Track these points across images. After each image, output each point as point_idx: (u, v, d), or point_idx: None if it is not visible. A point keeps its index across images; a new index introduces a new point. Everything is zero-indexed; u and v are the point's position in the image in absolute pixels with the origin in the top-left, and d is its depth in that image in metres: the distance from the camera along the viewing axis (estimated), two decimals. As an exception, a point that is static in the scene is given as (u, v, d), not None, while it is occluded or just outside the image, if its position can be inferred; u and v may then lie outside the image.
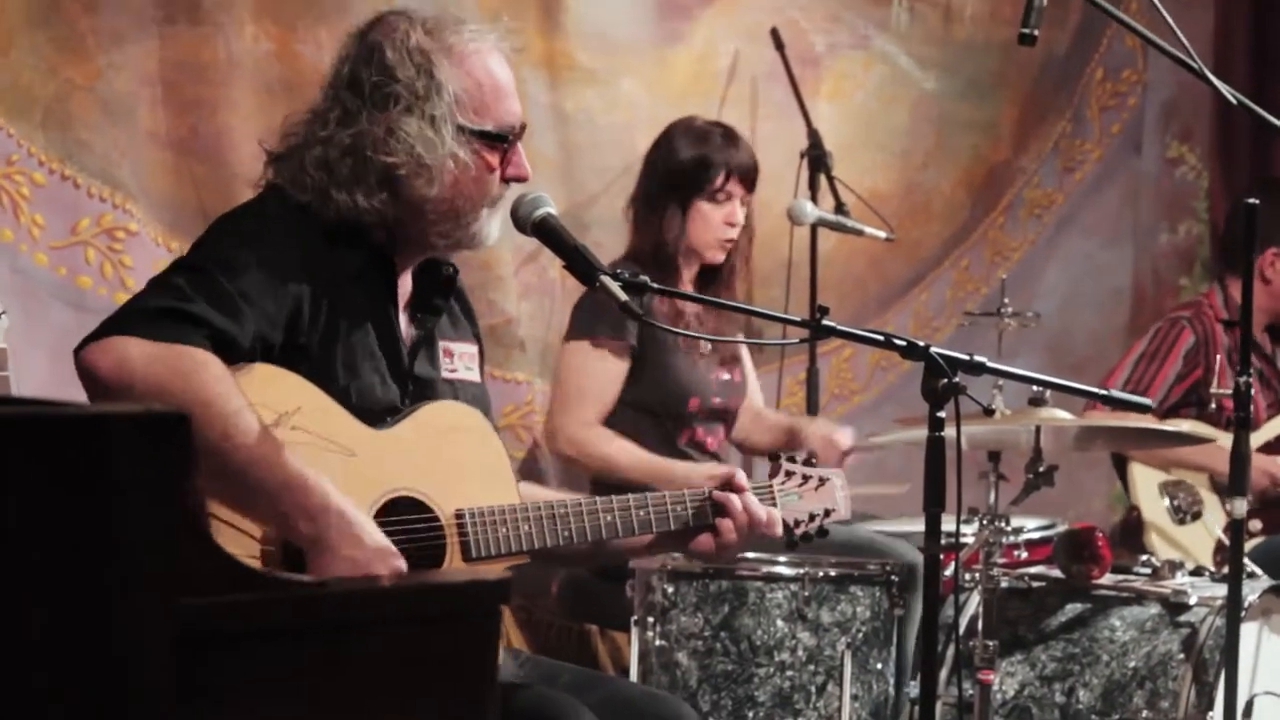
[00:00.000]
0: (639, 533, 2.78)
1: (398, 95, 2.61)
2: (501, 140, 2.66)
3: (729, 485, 2.82)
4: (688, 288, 4.18)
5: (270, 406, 2.48)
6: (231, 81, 4.08)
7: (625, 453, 4.04)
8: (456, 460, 2.63)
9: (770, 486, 2.92)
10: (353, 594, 1.68)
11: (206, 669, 1.53)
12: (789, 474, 2.95)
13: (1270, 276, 5.07)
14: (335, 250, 2.62)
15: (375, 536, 2.45)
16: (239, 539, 2.45)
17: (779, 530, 2.87)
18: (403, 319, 2.72)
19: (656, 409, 4.12)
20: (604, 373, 4.07)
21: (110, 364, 2.40)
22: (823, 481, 2.97)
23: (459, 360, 2.80)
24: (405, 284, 2.74)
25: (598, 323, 4.03)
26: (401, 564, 2.46)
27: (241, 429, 2.40)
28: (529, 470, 4.56)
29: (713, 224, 4.15)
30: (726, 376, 4.25)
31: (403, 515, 2.58)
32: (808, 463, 2.98)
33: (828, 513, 2.96)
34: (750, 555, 3.59)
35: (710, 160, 4.14)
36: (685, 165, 4.14)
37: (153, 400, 2.38)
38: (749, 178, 4.19)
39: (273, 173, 2.67)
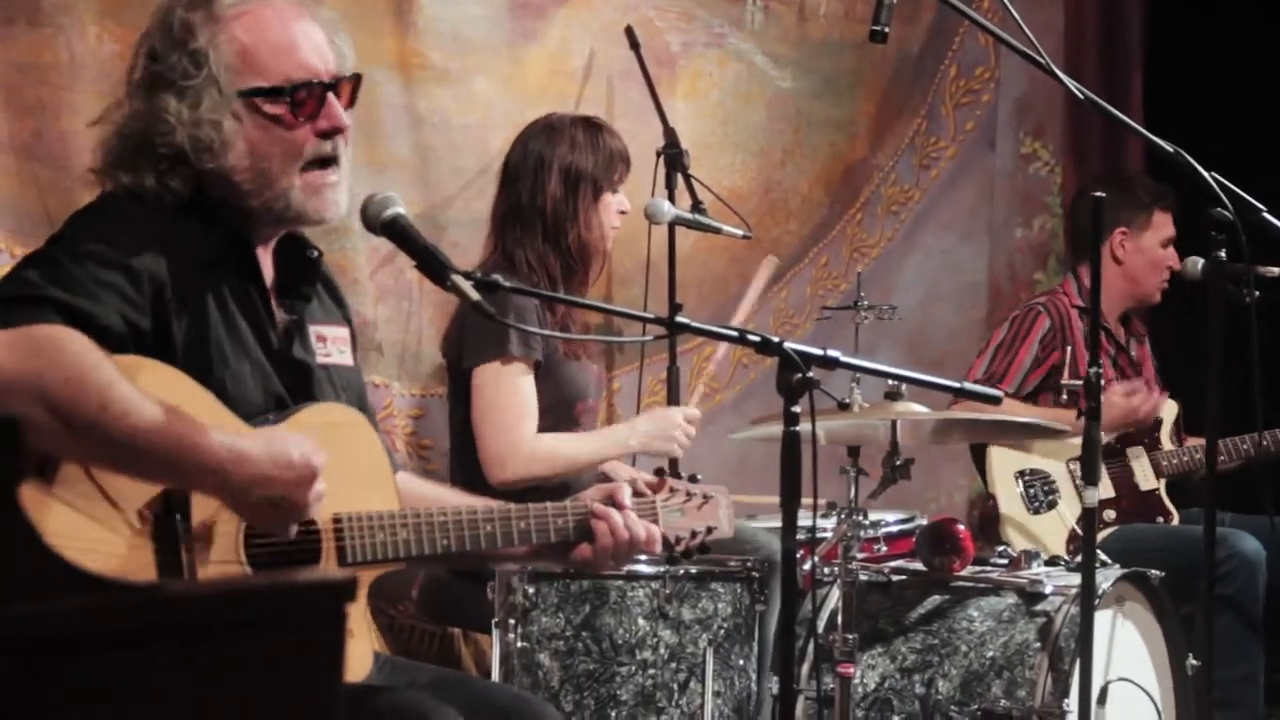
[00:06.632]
0: (518, 544, 2.76)
1: (161, 76, 2.61)
2: (279, 93, 2.61)
3: (611, 500, 2.81)
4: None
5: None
6: (75, 84, 4.00)
7: (578, 441, 4.07)
8: (336, 463, 2.59)
9: (654, 502, 2.91)
10: (193, 596, 1.64)
11: (43, 675, 1.50)
12: (673, 490, 2.94)
13: (1121, 256, 5.18)
14: (188, 233, 2.59)
15: (277, 459, 2.43)
16: (101, 527, 2.41)
17: (659, 548, 2.87)
18: (272, 304, 2.69)
19: (550, 414, 4.11)
20: (527, 386, 4.05)
21: None
22: (706, 499, 2.96)
23: (331, 344, 2.78)
24: (267, 267, 2.71)
25: (504, 340, 4.00)
26: (317, 459, 2.45)
27: (117, 398, 2.35)
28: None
29: (612, 214, 4.23)
30: (596, 373, 4.28)
31: None
32: (693, 479, 2.97)
33: (710, 530, 2.95)
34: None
35: (612, 155, 4.21)
36: (594, 165, 4.18)
37: (21, 387, 2.31)
38: (629, 160, 4.29)
39: (97, 179, 2.66)
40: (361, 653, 2.65)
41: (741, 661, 3.63)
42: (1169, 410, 5.14)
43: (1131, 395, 4.94)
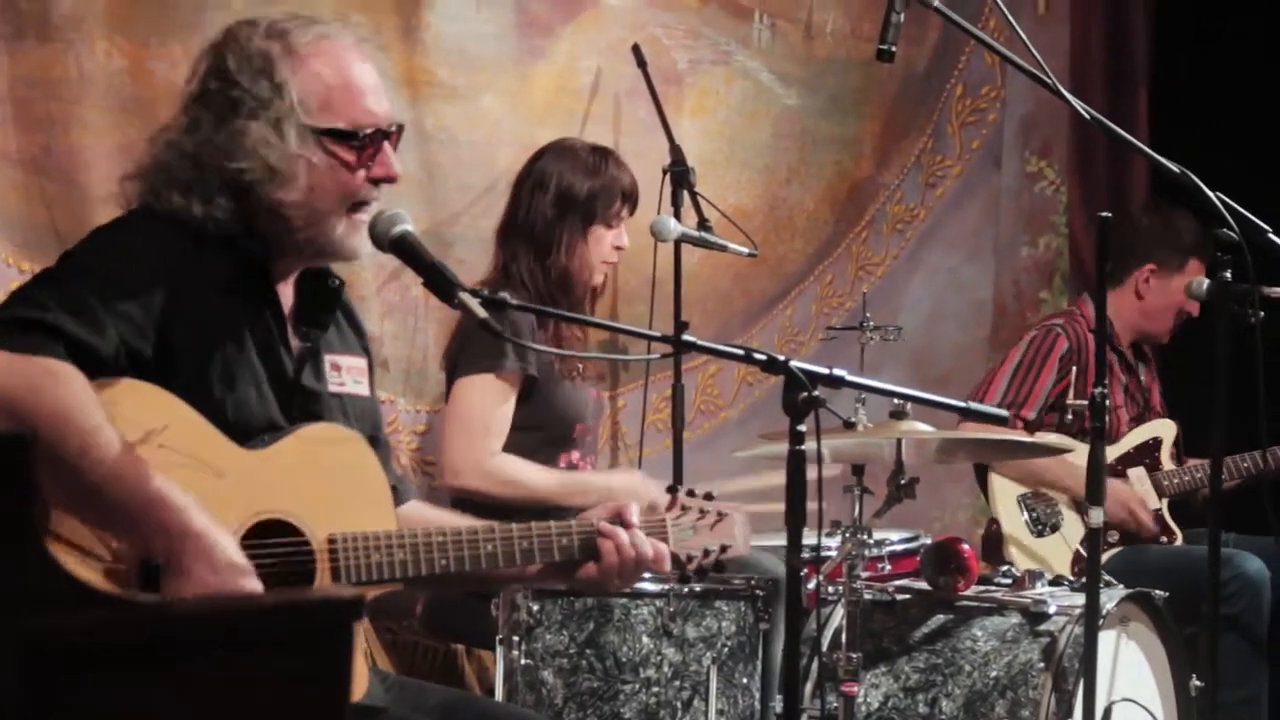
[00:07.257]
0: (521, 563, 2.73)
1: (240, 101, 2.60)
2: (352, 138, 2.63)
3: (618, 518, 2.79)
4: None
5: (137, 423, 2.43)
6: (84, 99, 4.01)
7: (540, 472, 4.04)
8: (332, 483, 2.58)
9: (663, 520, 2.87)
10: (203, 612, 1.64)
11: (54, 690, 1.50)
12: (685, 508, 2.91)
13: (1143, 292, 5.12)
14: (205, 259, 2.59)
15: (230, 558, 2.41)
16: (88, 561, 2.40)
17: (667, 566, 2.83)
18: (288, 331, 2.68)
19: (543, 433, 4.11)
20: (505, 405, 4.05)
21: None
22: (721, 517, 2.92)
23: (346, 374, 2.77)
24: (287, 295, 2.71)
25: (500, 356, 4.00)
26: (254, 585, 2.42)
27: (100, 445, 2.36)
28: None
29: (604, 248, 4.20)
30: (595, 396, 4.27)
31: (271, 538, 2.53)
32: (708, 497, 2.94)
33: (724, 548, 2.91)
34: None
35: (612, 187, 4.19)
36: (589, 193, 4.17)
37: (7, 412, 2.32)
38: (636, 200, 4.26)
39: (131, 191, 2.65)
40: (359, 670, 2.64)
41: (745, 680, 3.63)
42: (1168, 430, 5.12)
43: (1145, 513, 4.96)
